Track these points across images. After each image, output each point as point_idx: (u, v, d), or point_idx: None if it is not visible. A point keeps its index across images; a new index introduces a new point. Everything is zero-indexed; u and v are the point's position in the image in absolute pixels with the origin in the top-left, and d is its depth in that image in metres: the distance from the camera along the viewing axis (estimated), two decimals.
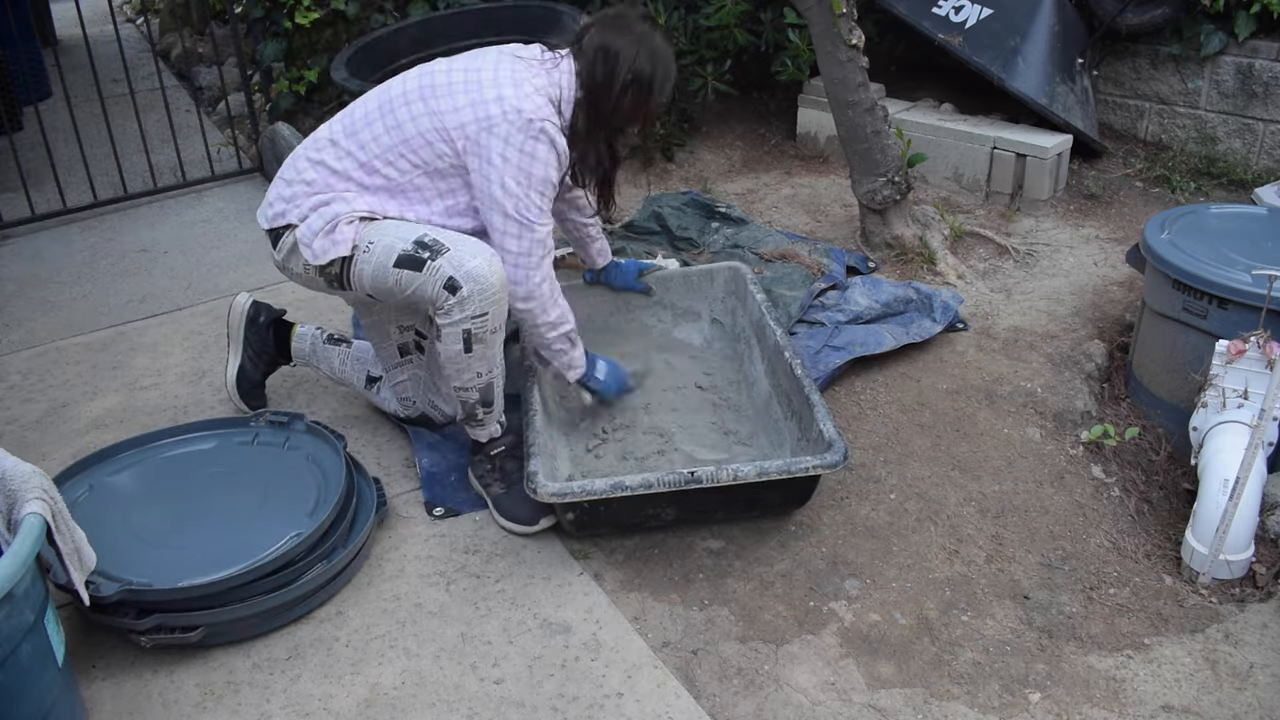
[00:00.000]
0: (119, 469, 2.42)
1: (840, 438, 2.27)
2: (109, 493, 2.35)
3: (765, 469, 2.19)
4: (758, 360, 2.83)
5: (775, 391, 2.67)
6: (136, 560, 2.11)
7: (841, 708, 1.97)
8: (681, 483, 2.17)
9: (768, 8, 4.27)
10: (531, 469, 2.23)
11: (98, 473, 2.40)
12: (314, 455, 2.44)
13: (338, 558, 2.19)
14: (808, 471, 2.20)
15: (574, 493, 2.16)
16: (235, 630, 2.08)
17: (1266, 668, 2.06)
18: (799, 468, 2.20)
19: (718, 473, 2.17)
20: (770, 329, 2.73)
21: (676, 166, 4.40)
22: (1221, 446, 2.37)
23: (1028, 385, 2.92)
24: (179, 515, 2.27)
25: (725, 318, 3.07)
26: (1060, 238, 3.75)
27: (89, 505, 2.28)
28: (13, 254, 3.87)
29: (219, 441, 2.52)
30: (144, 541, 2.19)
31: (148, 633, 2.01)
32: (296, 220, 2.32)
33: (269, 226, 2.38)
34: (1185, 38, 4.15)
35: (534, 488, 2.19)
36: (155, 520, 2.25)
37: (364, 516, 2.32)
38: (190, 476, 2.40)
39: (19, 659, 1.69)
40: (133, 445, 2.49)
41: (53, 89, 5.54)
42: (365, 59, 4.39)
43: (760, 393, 2.75)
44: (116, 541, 2.17)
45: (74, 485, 2.34)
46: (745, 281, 2.99)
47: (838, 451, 2.23)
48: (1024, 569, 2.33)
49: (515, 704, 1.97)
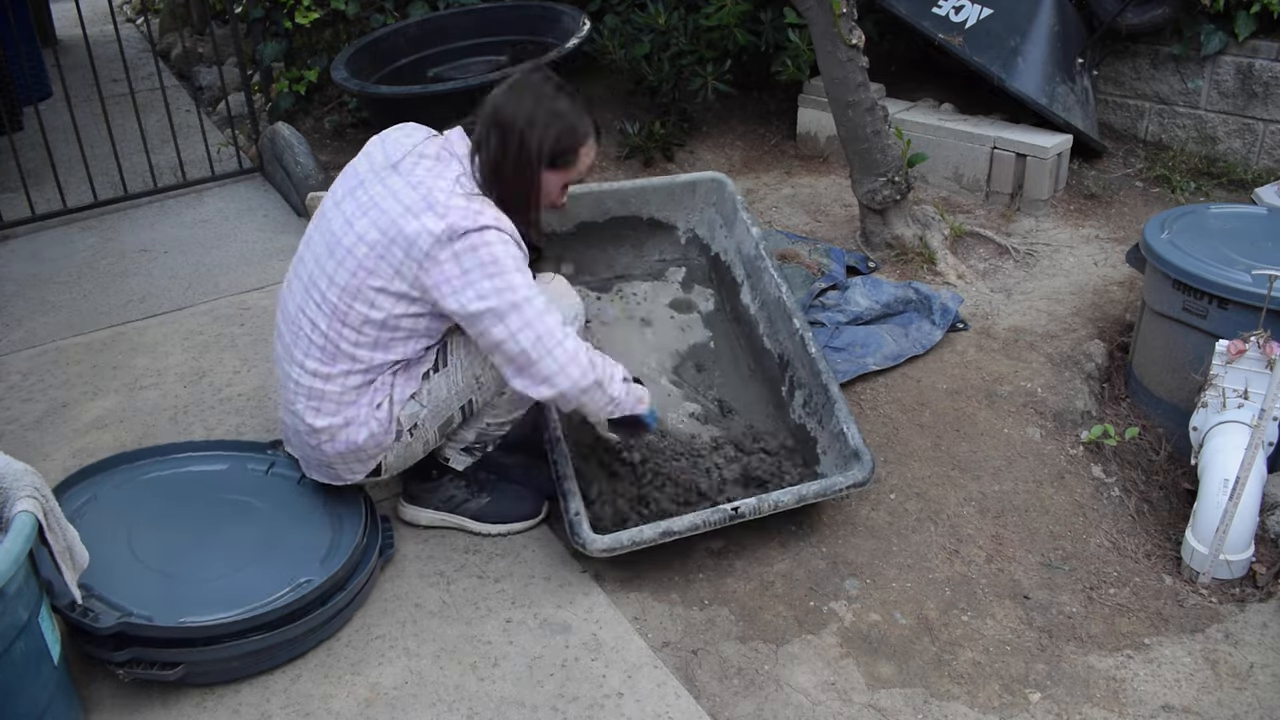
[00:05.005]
0: (124, 481, 2.32)
1: (866, 446, 2.33)
2: (111, 506, 2.24)
3: (803, 495, 2.27)
4: (748, 298, 2.77)
5: (774, 350, 2.67)
6: (136, 586, 2.03)
7: (841, 708, 1.97)
8: (726, 520, 2.22)
9: (768, 8, 4.27)
10: (573, 517, 2.18)
11: (102, 483, 2.29)
12: (330, 492, 2.32)
13: (334, 601, 2.09)
14: (843, 493, 2.29)
15: (624, 545, 2.15)
16: (217, 672, 1.99)
17: (1266, 668, 2.05)
18: (833, 491, 2.29)
19: (760, 504, 2.23)
20: (770, 276, 2.68)
21: (676, 166, 4.40)
22: (1221, 446, 2.36)
23: (1028, 385, 2.92)
24: (183, 542, 2.17)
25: (703, 229, 2.98)
26: (1060, 238, 3.75)
27: (90, 516, 2.18)
28: (13, 254, 3.87)
29: (232, 464, 2.40)
30: (145, 566, 2.10)
31: (125, 665, 1.92)
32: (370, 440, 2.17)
33: (357, 480, 2.25)
34: (1185, 38, 4.15)
35: (582, 543, 2.14)
36: (158, 544, 2.15)
37: (367, 560, 2.20)
38: (200, 501, 2.29)
39: (13, 657, 1.69)
40: (140, 457, 2.39)
41: (53, 89, 5.54)
42: (365, 59, 4.39)
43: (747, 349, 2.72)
44: (116, 561, 2.08)
45: (78, 493, 2.24)
46: (734, 202, 2.89)
47: (865, 467, 2.30)
48: (1024, 569, 2.32)
49: (515, 704, 1.96)
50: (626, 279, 2.98)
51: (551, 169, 2.15)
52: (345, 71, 4.20)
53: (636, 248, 2.98)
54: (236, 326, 3.29)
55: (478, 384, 2.20)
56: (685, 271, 3.01)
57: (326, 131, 4.80)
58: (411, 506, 2.41)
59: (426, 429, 2.22)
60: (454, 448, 2.34)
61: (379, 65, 4.44)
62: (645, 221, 3.00)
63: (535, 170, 2.12)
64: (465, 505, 2.38)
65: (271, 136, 4.31)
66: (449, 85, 4.13)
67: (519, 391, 2.13)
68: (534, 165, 2.11)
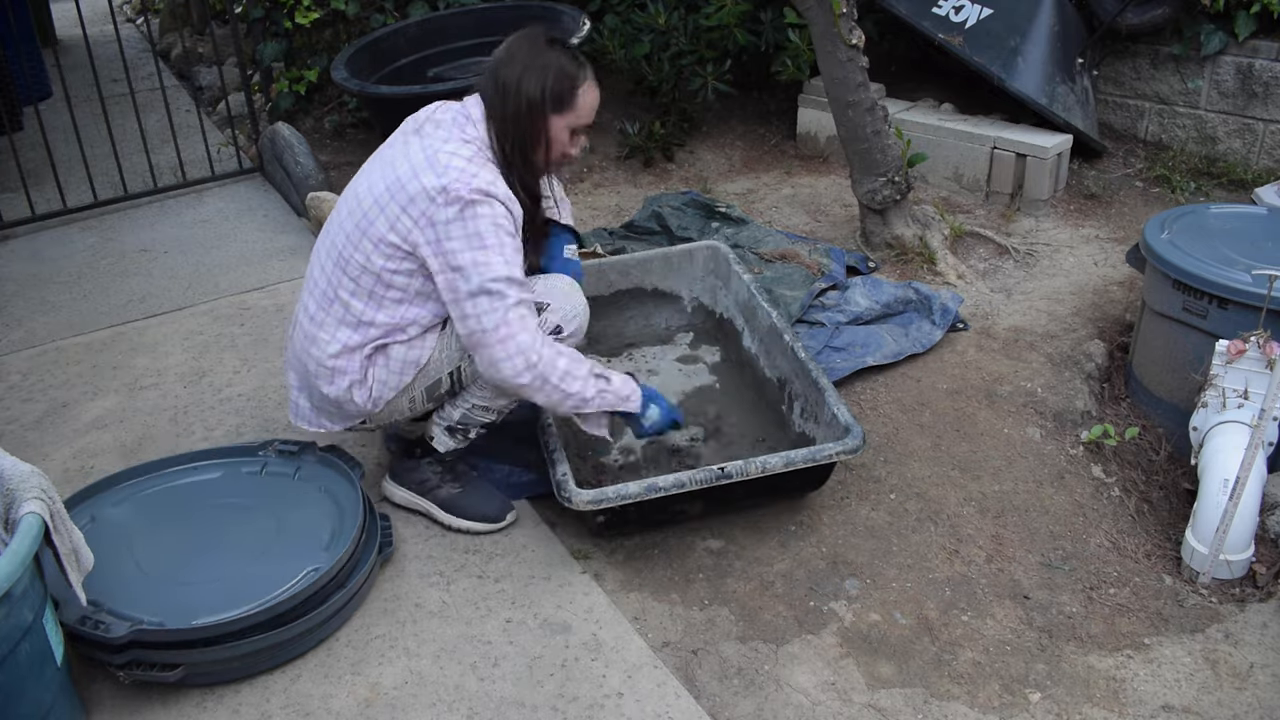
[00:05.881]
0: (121, 500, 2.33)
1: (856, 422, 2.32)
2: (112, 525, 2.25)
3: (792, 459, 2.24)
4: (749, 341, 2.83)
5: (773, 377, 2.69)
6: (146, 597, 2.03)
7: (841, 708, 1.97)
8: (714, 479, 2.20)
9: (768, 8, 4.27)
10: (560, 476, 2.21)
11: (100, 503, 2.30)
12: (327, 487, 2.35)
13: (334, 600, 2.09)
14: (832, 458, 2.27)
15: (609, 498, 2.16)
16: (217, 673, 1.99)
17: (1266, 668, 2.05)
18: (823, 455, 2.26)
19: (747, 466, 2.22)
20: (762, 309, 2.75)
21: (676, 166, 4.40)
22: (1221, 446, 2.36)
23: (1028, 385, 2.92)
24: (188, 550, 2.18)
25: (707, 297, 3.07)
26: (1060, 238, 3.75)
27: (92, 538, 2.12)
28: (13, 254, 3.87)
29: (225, 471, 2.42)
30: (151, 576, 2.11)
31: (125, 667, 1.93)
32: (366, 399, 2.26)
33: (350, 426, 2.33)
34: (1185, 38, 4.15)
35: (567, 496, 2.17)
36: (163, 555, 2.16)
37: (366, 556, 2.21)
38: (199, 510, 2.30)
39: (18, 658, 1.69)
40: (134, 475, 2.39)
41: (53, 89, 5.54)
42: (365, 59, 4.39)
43: (752, 379, 2.75)
44: (122, 576, 2.09)
45: (77, 515, 2.23)
46: (728, 261, 2.98)
47: (856, 436, 2.28)
48: (1024, 569, 2.33)
49: (515, 704, 1.96)
50: (636, 345, 3.05)
51: (556, 113, 2.21)
52: (345, 71, 4.20)
53: (644, 318, 3.05)
54: (236, 326, 3.29)
55: (466, 353, 2.23)
56: (693, 336, 3.07)
57: (326, 131, 4.80)
58: (391, 483, 2.47)
59: (414, 387, 2.26)
60: (439, 425, 2.37)
61: (379, 65, 4.44)
62: (650, 293, 3.08)
63: (542, 114, 2.19)
64: (435, 491, 2.41)
65: (271, 136, 4.31)
66: (449, 85, 4.13)
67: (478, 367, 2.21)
68: (539, 109, 2.19)
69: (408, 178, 2.13)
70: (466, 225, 2.09)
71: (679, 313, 3.10)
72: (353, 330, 2.22)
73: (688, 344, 3.03)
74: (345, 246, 2.21)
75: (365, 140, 4.71)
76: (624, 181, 4.30)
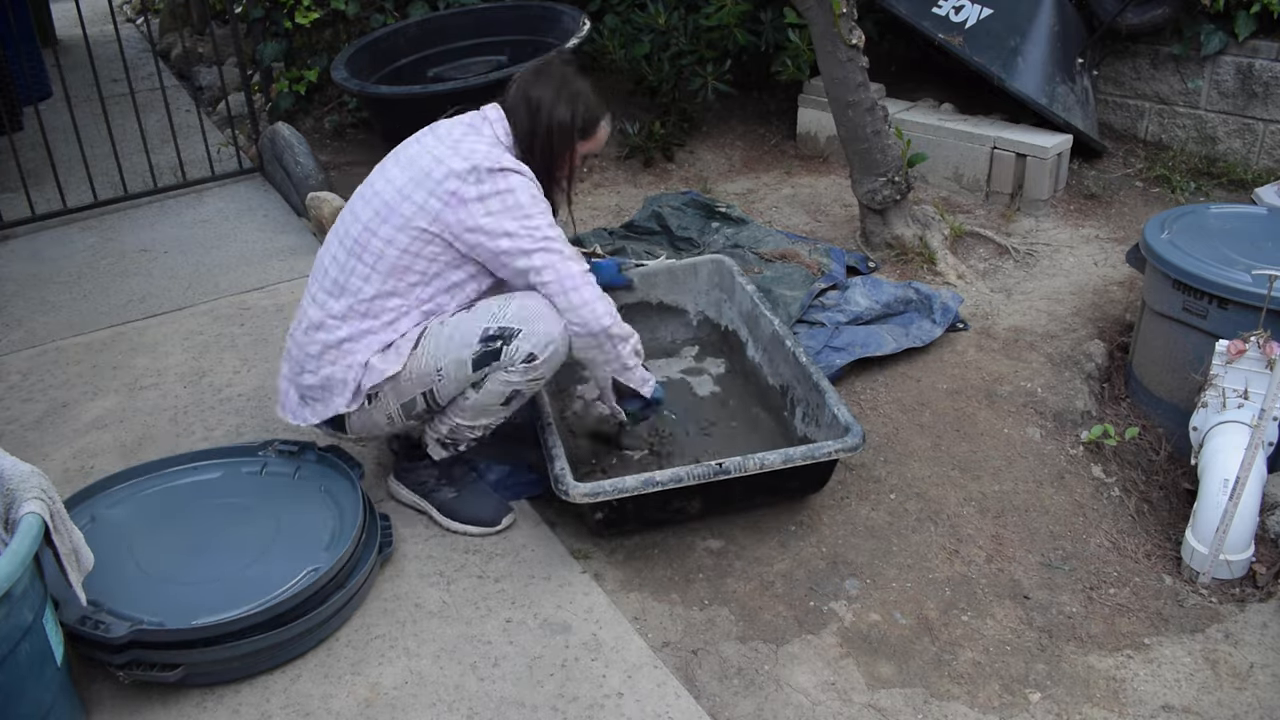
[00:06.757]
0: (121, 500, 2.33)
1: (856, 421, 2.31)
2: (112, 525, 2.25)
3: (790, 456, 2.24)
4: (753, 352, 2.84)
5: (775, 384, 2.69)
6: (146, 597, 2.03)
7: (841, 708, 1.97)
8: (711, 475, 2.20)
9: (768, 8, 4.27)
10: (558, 471, 2.22)
11: (100, 503, 2.30)
12: (327, 487, 2.35)
13: (334, 600, 2.08)
14: (830, 456, 2.26)
15: (606, 491, 2.16)
16: (217, 673, 1.99)
17: (1266, 668, 2.06)
18: (822, 453, 2.26)
19: (745, 463, 2.22)
20: (765, 318, 2.76)
21: (676, 166, 4.40)
22: (1221, 446, 2.37)
23: (1028, 385, 2.92)
24: (188, 550, 2.18)
25: (712, 310, 3.10)
26: (1060, 238, 3.75)
27: (92, 538, 2.12)
28: (13, 254, 3.87)
29: (225, 471, 2.42)
30: (151, 576, 2.10)
31: (125, 667, 1.92)
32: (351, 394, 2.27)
33: (331, 416, 2.31)
34: (1185, 38, 4.15)
35: (564, 489, 2.17)
36: (163, 555, 2.16)
37: (366, 556, 2.21)
38: (198, 510, 2.30)
39: (18, 658, 1.69)
40: (134, 475, 2.39)
41: (53, 89, 5.54)
42: (365, 59, 4.40)
43: (754, 387, 2.76)
44: (122, 576, 2.08)
45: (76, 515, 2.23)
46: (732, 274, 3.01)
47: (856, 435, 2.28)
48: (1024, 569, 2.33)
49: (515, 704, 1.96)
50: (642, 359, 3.03)
51: (582, 140, 2.36)
52: (345, 71, 4.20)
53: (650, 332, 3.05)
54: (236, 326, 3.29)
55: (438, 375, 2.23)
56: (699, 349, 3.08)
57: (326, 131, 4.80)
58: (395, 482, 2.50)
59: (388, 401, 2.28)
60: (431, 436, 2.39)
61: (379, 65, 4.45)
62: (655, 307, 3.09)
63: (571, 138, 2.33)
64: (434, 494, 2.44)
65: (271, 136, 4.31)
66: (449, 85, 4.13)
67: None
68: (568, 133, 2.32)
69: (432, 165, 2.21)
70: (504, 199, 2.19)
71: (684, 326, 3.11)
72: (360, 319, 2.25)
73: (693, 357, 3.04)
74: (362, 234, 2.25)
75: (365, 140, 4.71)
76: (624, 181, 4.30)
